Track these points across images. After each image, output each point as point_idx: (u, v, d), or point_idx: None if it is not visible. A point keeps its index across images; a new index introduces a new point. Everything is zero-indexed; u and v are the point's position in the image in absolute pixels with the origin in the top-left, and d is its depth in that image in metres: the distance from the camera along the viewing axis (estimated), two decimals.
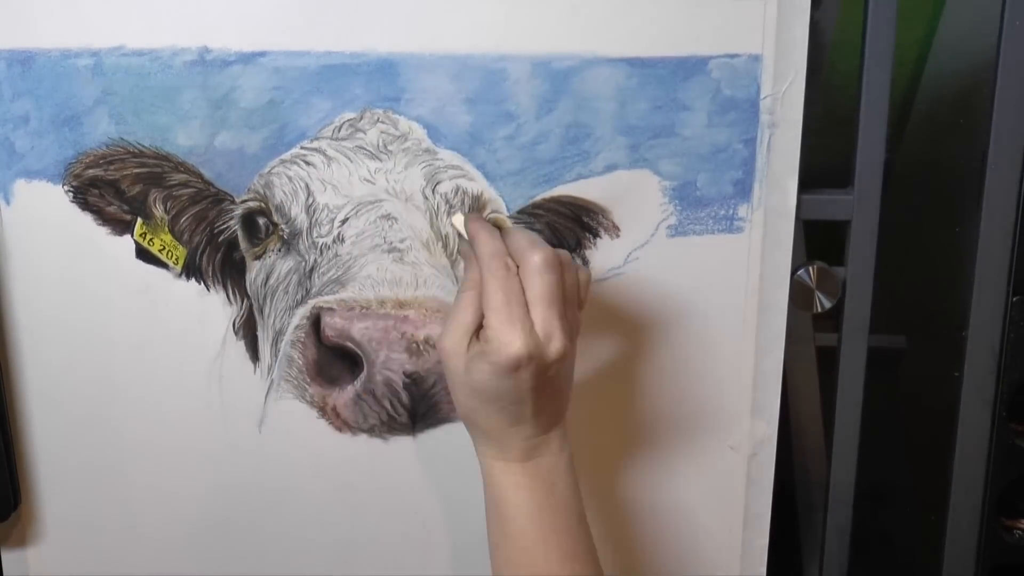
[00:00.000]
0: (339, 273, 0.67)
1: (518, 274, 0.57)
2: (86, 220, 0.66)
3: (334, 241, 0.67)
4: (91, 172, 0.65)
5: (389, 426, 0.71)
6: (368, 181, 0.67)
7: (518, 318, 0.56)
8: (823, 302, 0.72)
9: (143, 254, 0.67)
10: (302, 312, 0.68)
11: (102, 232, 0.66)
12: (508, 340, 0.56)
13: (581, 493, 0.62)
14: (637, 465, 0.74)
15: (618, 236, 0.69)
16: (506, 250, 0.58)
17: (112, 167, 0.65)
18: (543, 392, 0.58)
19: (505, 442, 0.60)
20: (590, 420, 0.73)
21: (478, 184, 0.67)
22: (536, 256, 0.57)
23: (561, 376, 0.60)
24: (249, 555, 0.74)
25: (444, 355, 0.58)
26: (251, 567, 0.74)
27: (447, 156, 0.67)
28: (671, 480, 0.74)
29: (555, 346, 0.57)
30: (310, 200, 0.67)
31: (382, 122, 0.66)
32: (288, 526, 0.73)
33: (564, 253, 0.59)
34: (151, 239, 0.66)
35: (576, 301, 0.60)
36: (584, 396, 0.72)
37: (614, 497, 0.75)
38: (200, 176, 0.66)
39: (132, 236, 0.66)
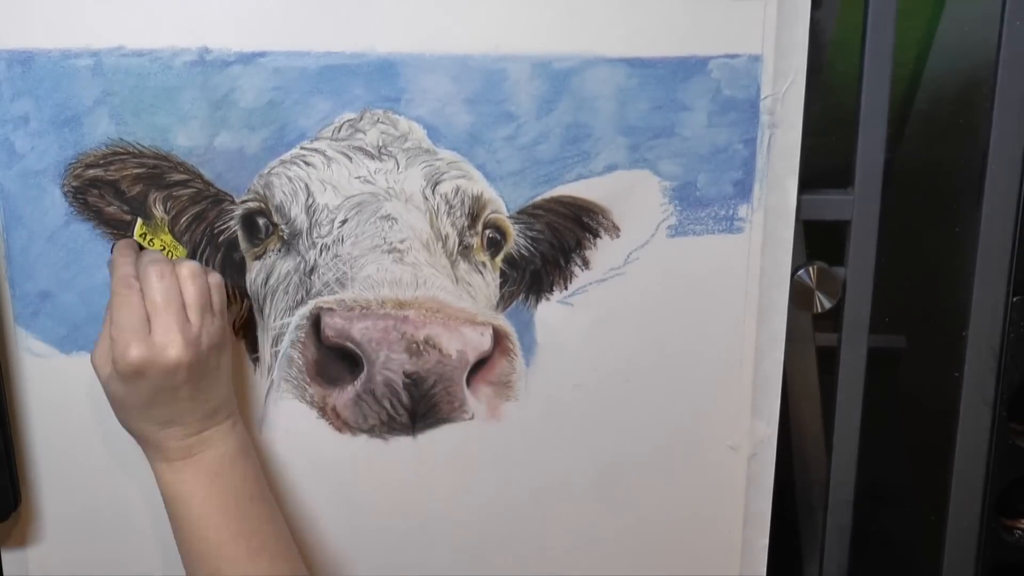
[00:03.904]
0: (339, 273, 0.67)
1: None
2: (86, 220, 0.66)
3: (334, 241, 0.67)
4: (91, 172, 0.65)
5: (389, 426, 0.71)
6: (368, 181, 0.67)
7: (131, 328, 0.60)
8: (823, 302, 0.72)
9: None
10: (302, 312, 0.68)
11: (102, 232, 0.66)
12: (122, 349, 0.60)
13: (263, 479, 0.66)
14: (637, 465, 0.74)
15: (618, 236, 0.69)
16: (132, 271, 0.62)
17: (112, 167, 0.65)
18: (179, 393, 0.61)
19: (161, 444, 0.63)
20: (590, 420, 0.73)
21: (478, 184, 0.67)
22: (151, 269, 0.61)
23: (203, 379, 0.62)
24: None
25: (95, 370, 0.63)
26: None
27: (447, 156, 0.67)
28: (671, 480, 0.74)
29: (172, 352, 0.60)
30: (310, 200, 0.67)
31: (382, 122, 0.66)
32: (288, 526, 0.73)
33: (192, 264, 0.63)
34: (151, 239, 0.66)
35: (211, 307, 0.63)
36: (584, 396, 0.72)
37: (614, 497, 0.75)
38: (200, 176, 0.66)
39: (132, 236, 0.66)
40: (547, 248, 0.69)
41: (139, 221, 0.66)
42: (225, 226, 0.67)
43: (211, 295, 0.63)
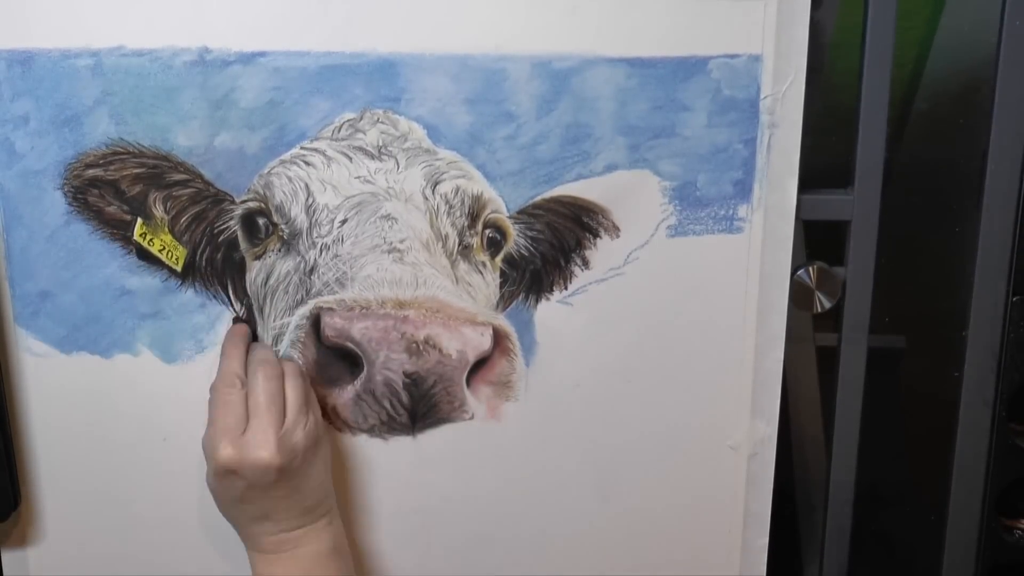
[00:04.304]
0: (339, 273, 0.67)
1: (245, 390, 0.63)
2: (86, 220, 0.66)
3: (334, 241, 0.67)
4: (91, 172, 0.65)
5: (389, 426, 0.71)
6: (368, 181, 0.67)
7: (226, 429, 0.62)
8: (823, 302, 0.72)
9: (143, 254, 0.67)
10: (302, 312, 0.68)
11: (101, 232, 0.66)
12: (215, 447, 0.62)
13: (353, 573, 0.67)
14: (637, 465, 0.74)
15: (618, 236, 0.69)
16: (238, 369, 0.64)
17: (112, 167, 0.65)
18: (270, 493, 0.62)
19: (253, 537, 0.65)
20: (590, 420, 0.73)
21: (478, 184, 0.67)
22: (260, 370, 0.63)
23: (293, 479, 0.63)
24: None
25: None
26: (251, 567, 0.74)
27: (447, 156, 0.67)
28: (671, 480, 0.74)
29: (264, 454, 0.61)
30: (310, 200, 0.67)
31: (382, 122, 0.66)
32: None
33: (296, 364, 0.65)
34: (151, 239, 0.66)
35: (308, 407, 0.64)
36: (584, 396, 0.72)
37: (614, 497, 0.75)
38: (200, 176, 0.66)
39: (132, 236, 0.66)
40: (547, 248, 0.69)
41: (139, 221, 0.66)
42: (225, 226, 0.67)
43: (310, 394, 0.65)
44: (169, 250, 0.67)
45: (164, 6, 0.63)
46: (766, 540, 0.76)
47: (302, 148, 0.66)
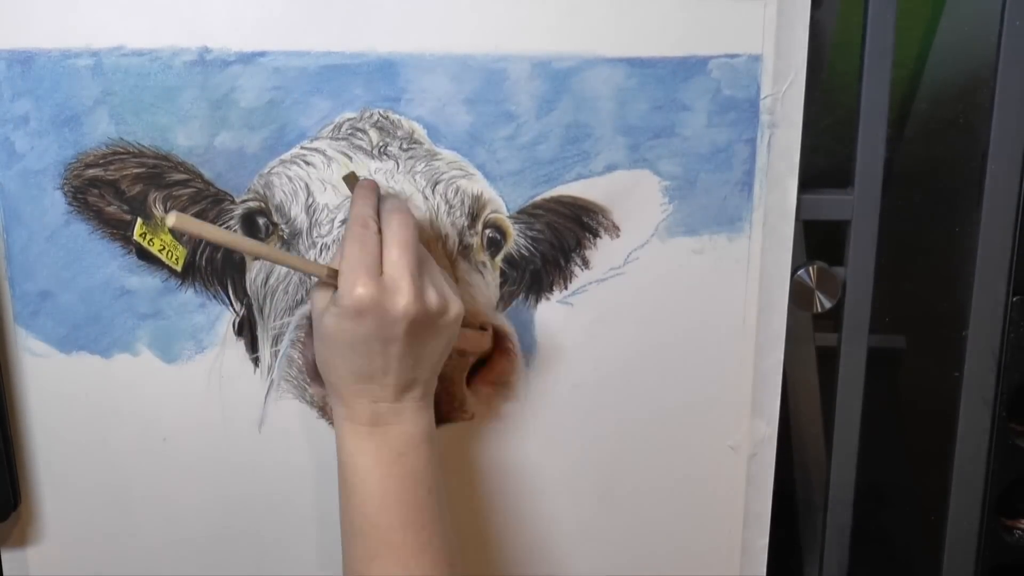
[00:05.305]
0: None
1: (380, 234, 0.59)
2: (86, 220, 0.66)
3: (334, 241, 0.67)
4: (91, 172, 0.65)
5: None
6: None
7: (363, 265, 0.57)
8: (823, 302, 0.72)
9: (143, 254, 0.67)
10: (302, 312, 0.68)
11: (101, 232, 0.66)
12: (350, 283, 0.57)
13: (442, 471, 0.63)
14: (637, 465, 0.74)
15: (618, 236, 0.69)
16: (372, 213, 0.59)
17: (112, 167, 0.65)
18: (390, 347, 0.58)
19: (353, 402, 0.60)
20: (590, 420, 0.73)
21: (478, 184, 0.67)
22: (395, 216, 0.59)
23: (416, 339, 0.59)
24: (249, 555, 0.74)
25: (311, 307, 0.60)
26: (251, 567, 0.74)
27: (447, 156, 0.67)
28: (671, 480, 0.74)
29: (401, 298, 0.57)
30: (310, 200, 0.67)
31: (382, 122, 0.66)
32: (288, 526, 0.73)
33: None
34: (151, 239, 0.66)
35: (447, 286, 0.61)
36: (584, 396, 0.72)
37: (614, 497, 0.75)
38: (200, 176, 0.66)
39: (132, 236, 0.66)
40: (547, 248, 0.69)
41: (139, 221, 0.66)
42: (225, 226, 0.67)
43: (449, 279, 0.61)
44: (169, 250, 0.67)
45: (164, 6, 0.63)
46: (766, 540, 0.76)
47: (302, 148, 0.66)
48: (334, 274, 0.59)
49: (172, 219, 0.55)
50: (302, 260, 0.63)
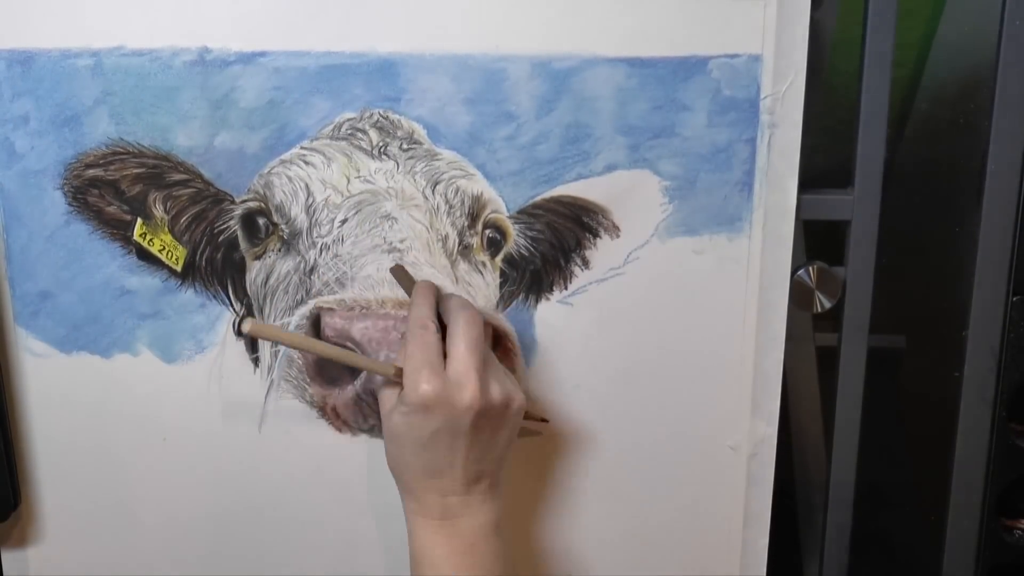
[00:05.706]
0: (339, 273, 0.67)
1: (441, 334, 0.61)
2: (85, 220, 0.66)
3: (334, 241, 0.67)
4: (91, 172, 0.65)
5: None
6: (368, 181, 0.67)
7: (427, 363, 0.59)
8: (823, 302, 0.72)
9: (143, 254, 0.67)
10: (302, 312, 0.68)
11: (101, 232, 0.66)
12: (415, 381, 0.59)
13: (511, 560, 0.65)
14: (637, 465, 0.74)
15: (618, 236, 0.69)
16: (430, 314, 0.62)
17: (112, 167, 0.65)
18: (458, 440, 0.60)
19: (424, 497, 0.62)
20: (590, 420, 0.73)
21: (478, 184, 0.67)
22: (462, 313, 0.61)
23: (482, 432, 0.61)
24: (249, 555, 0.74)
25: (380, 405, 0.63)
26: (251, 567, 0.74)
27: (447, 156, 0.67)
28: (671, 480, 0.74)
29: (467, 394, 0.59)
30: (310, 200, 0.67)
31: (382, 122, 0.66)
32: (288, 526, 0.73)
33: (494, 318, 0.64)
34: (151, 239, 0.66)
35: (509, 378, 0.63)
36: (584, 396, 0.72)
37: (614, 497, 0.75)
38: (200, 176, 0.66)
39: (132, 236, 0.66)
40: (547, 248, 0.69)
41: (139, 221, 0.66)
42: (225, 226, 0.67)
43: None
44: (169, 250, 0.67)
45: (164, 6, 0.63)
46: (766, 540, 0.76)
47: (302, 148, 0.66)
48: (400, 373, 0.60)
49: (248, 326, 0.60)
50: (371, 361, 0.65)
